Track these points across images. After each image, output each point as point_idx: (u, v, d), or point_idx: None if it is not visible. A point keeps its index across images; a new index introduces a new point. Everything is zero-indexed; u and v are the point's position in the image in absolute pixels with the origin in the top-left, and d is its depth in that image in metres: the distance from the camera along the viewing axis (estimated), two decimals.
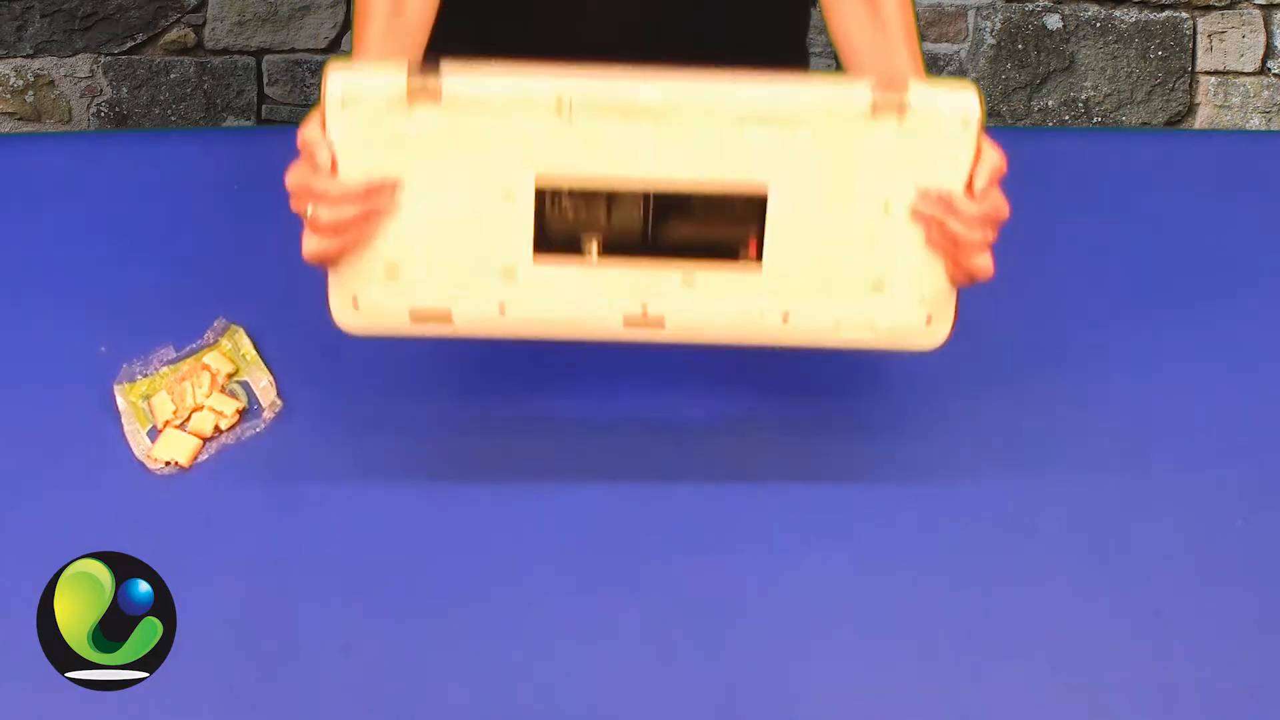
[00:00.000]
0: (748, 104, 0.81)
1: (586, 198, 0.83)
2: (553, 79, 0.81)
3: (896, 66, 0.93)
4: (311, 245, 0.83)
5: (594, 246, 0.84)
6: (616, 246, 0.85)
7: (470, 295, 0.86)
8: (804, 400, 1.03)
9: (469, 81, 0.81)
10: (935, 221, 0.84)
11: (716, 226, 0.84)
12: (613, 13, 1.13)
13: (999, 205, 0.84)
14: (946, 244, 0.84)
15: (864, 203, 0.84)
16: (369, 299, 0.86)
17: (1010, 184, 0.83)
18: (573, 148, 0.82)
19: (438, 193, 0.83)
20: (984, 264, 0.85)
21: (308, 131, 0.82)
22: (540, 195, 0.83)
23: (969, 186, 0.83)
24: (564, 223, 0.84)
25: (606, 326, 0.87)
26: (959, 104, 0.82)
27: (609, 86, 0.81)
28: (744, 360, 1.01)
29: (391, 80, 0.81)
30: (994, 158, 0.83)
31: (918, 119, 0.81)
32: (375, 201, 0.83)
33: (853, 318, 0.87)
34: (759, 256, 0.85)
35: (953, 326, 0.88)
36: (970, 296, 0.87)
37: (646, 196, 0.83)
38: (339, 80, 0.81)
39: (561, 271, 0.85)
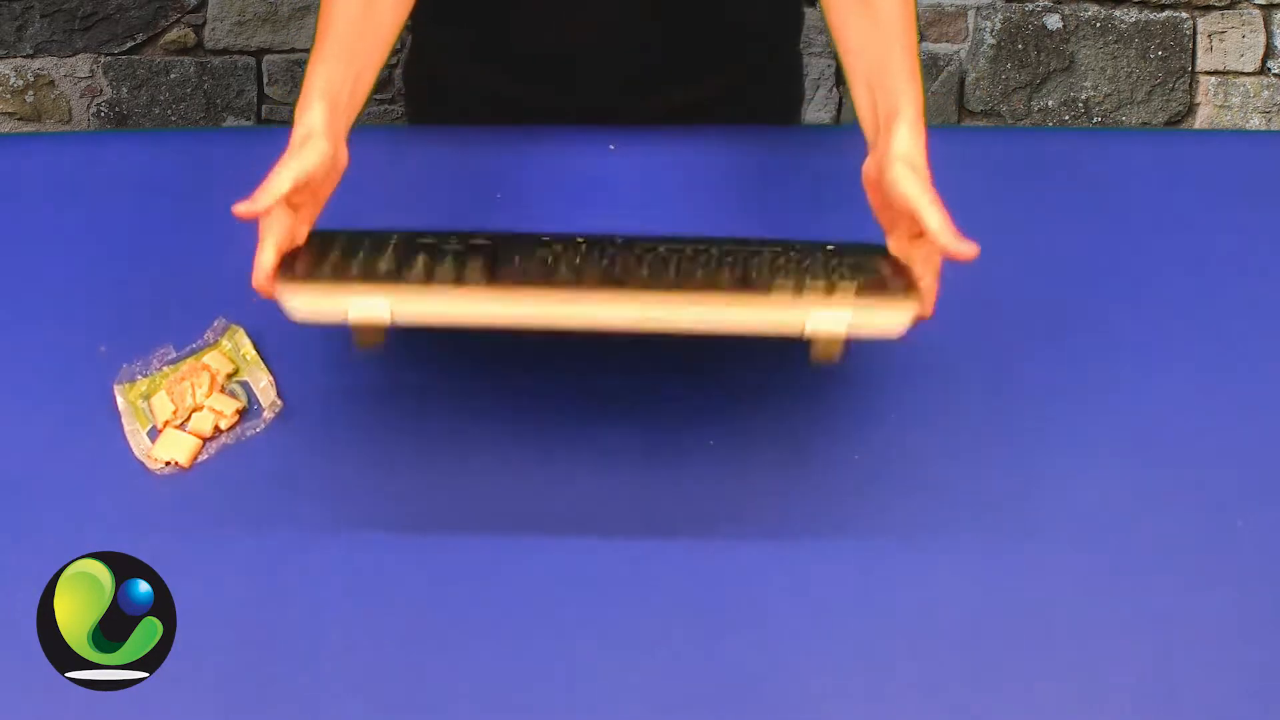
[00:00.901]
0: (685, 328, 0.82)
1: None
2: (492, 305, 0.82)
3: (891, 65, 0.92)
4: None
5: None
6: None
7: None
8: (803, 402, 1.03)
9: (415, 317, 0.83)
10: None
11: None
12: (604, 13, 1.12)
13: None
14: None
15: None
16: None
17: (1011, 184, 0.83)
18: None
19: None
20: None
21: (263, 284, 0.86)
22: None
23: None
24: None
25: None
26: (892, 322, 0.82)
27: (541, 313, 0.82)
28: (739, 365, 1.01)
29: (338, 317, 0.83)
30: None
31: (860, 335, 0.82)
32: None
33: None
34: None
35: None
36: (969, 296, 0.87)
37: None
38: (293, 303, 0.83)
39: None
